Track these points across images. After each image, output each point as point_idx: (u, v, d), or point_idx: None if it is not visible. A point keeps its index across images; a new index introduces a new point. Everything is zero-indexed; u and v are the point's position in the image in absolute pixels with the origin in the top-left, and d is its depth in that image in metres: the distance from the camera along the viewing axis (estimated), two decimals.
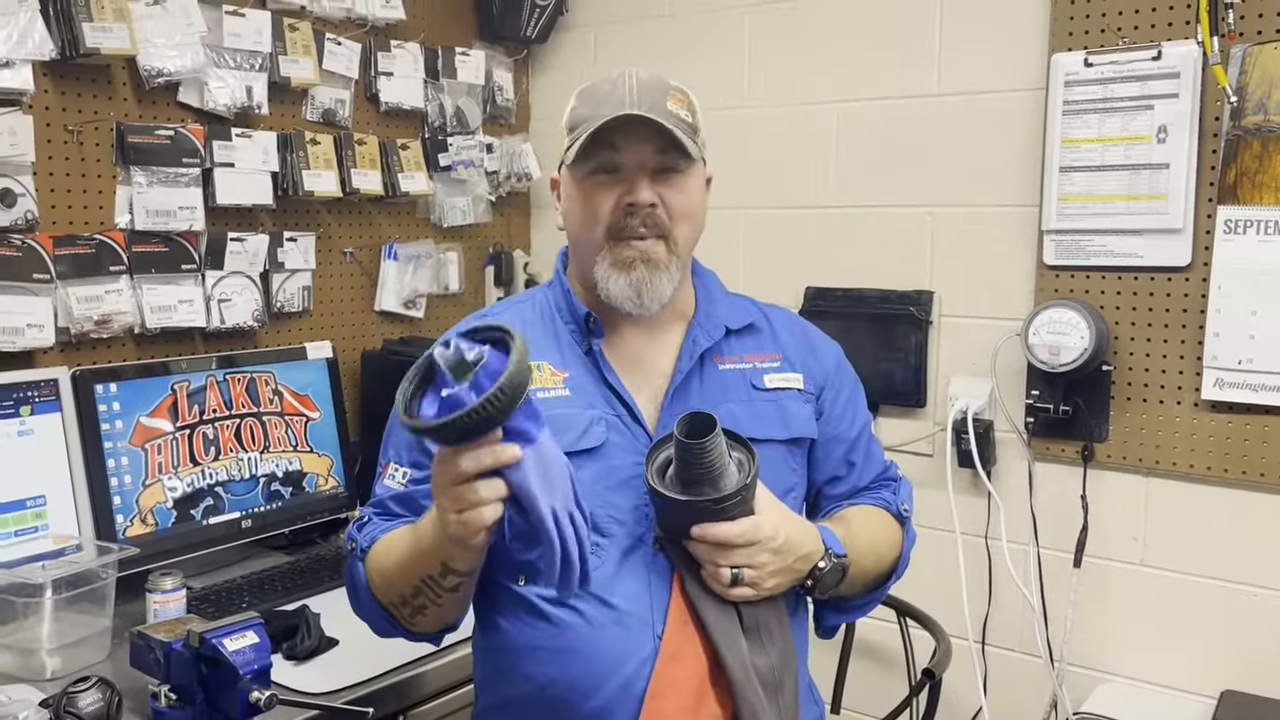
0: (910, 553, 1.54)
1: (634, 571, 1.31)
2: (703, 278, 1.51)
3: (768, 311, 1.54)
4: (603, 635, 1.29)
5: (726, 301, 1.50)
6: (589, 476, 1.32)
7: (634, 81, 1.35)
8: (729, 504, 1.24)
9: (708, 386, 1.41)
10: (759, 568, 1.27)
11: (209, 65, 2.16)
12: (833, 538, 1.36)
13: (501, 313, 1.47)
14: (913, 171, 2.34)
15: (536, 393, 1.33)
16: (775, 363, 1.47)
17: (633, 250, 1.34)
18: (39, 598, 1.64)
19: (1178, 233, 2.02)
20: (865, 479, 1.53)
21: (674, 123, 1.32)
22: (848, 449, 1.51)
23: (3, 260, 1.88)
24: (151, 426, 1.98)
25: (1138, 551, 2.14)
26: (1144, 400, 2.09)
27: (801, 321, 1.57)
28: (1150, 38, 2.02)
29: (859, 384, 1.57)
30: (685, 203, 1.36)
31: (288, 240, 2.35)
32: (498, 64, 2.80)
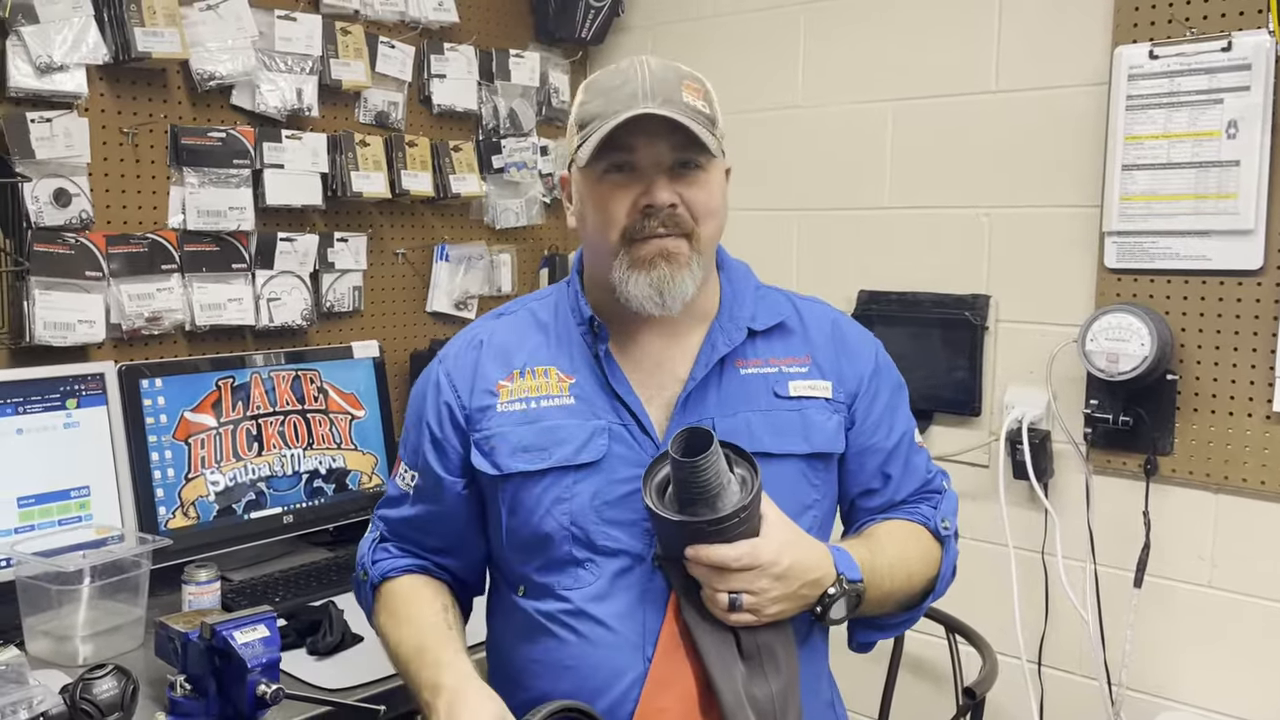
0: (951, 572, 1.43)
1: (628, 590, 1.27)
2: (730, 272, 1.40)
3: (802, 308, 1.42)
4: (594, 653, 1.26)
5: (755, 298, 1.39)
6: (587, 491, 1.28)
7: (646, 72, 1.25)
8: (725, 525, 1.17)
9: (726, 393, 1.33)
10: (759, 593, 1.19)
11: (260, 69, 2.20)
12: (848, 561, 1.27)
13: (517, 310, 1.44)
14: (969, 171, 2.26)
15: (542, 400, 1.32)
16: (803, 367, 1.36)
17: (651, 246, 1.25)
18: (75, 585, 1.68)
19: (1249, 234, 1.90)
20: (903, 492, 1.42)
21: (691, 116, 1.23)
22: (883, 460, 1.41)
23: (57, 258, 1.94)
24: (195, 421, 2.03)
25: (1205, 572, 2.01)
26: (1212, 411, 1.98)
27: (838, 319, 1.45)
28: (1220, 28, 1.91)
29: (901, 388, 1.45)
30: (707, 200, 1.28)
31: (338, 240, 2.39)
32: (553, 66, 2.80)
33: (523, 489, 1.31)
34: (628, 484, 1.28)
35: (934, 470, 1.47)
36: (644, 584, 1.27)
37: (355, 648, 1.74)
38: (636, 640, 1.25)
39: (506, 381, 1.35)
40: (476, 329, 1.44)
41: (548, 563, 1.31)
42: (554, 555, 1.30)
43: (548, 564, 1.31)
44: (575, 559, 1.29)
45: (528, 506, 1.31)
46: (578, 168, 1.31)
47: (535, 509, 1.30)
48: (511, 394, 1.34)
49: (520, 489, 1.31)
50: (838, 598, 1.24)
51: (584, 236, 1.36)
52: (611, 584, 1.27)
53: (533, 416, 1.32)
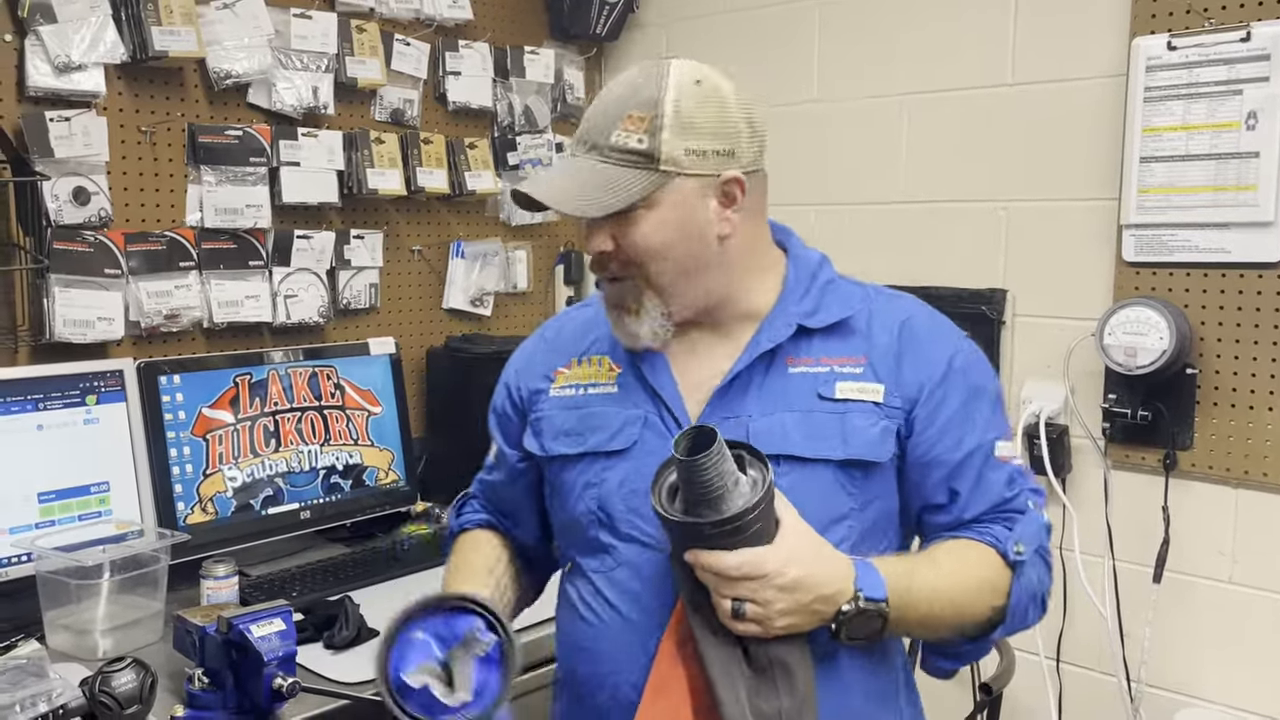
0: (1031, 601, 1.28)
1: (645, 579, 1.27)
2: (798, 266, 1.34)
3: (876, 304, 1.32)
4: (605, 637, 1.28)
5: (820, 293, 1.32)
6: (615, 478, 1.29)
7: (597, 109, 1.25)
8: (727, 529, 1.11)
9: (767, 390, 1.28)
10: (764, 604, 1.14)
11: (276, 67, 2.21)
12: (873, 579, 1.18)
13: (592, 302, 1.45)
14: (986, 165, 2.24)
15: (589, 388, 1.36)
16: (857, 368, 1.28)
17: (607, 292, 1.29)
18: (95, 580, 1.70)
19: (1269, 226, 1.88)
20: (972, 510, 1.28)
21: (611, 160, 1.21)
22: (948, 474, 1.27)
23: (75, 256, 1.96)
24: (213, 418, 2.04)
25: (1225, 568, 2.00)
26: (1232, 406, 1.96)
27: (913, 318, 1.32)
28: (1239, 18, 1.89)
29: (981, 396, 1.30)
30: (641, 242, 1.23)
31: (354, 238, 2.40)
32: (568, 62, 2.80)
33: (563, 471, 1.36)
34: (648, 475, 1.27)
35: (1019, 488, 1.30)
36: (662, 574, 1.26)
37: (371, 642, 1.74)
38: (647, 628, 1.25)
39: (565, 369, 1.40)
40: (553, 320, 1.51)
41: (580, 544, 1.35)
42: (584, 537, 1.33)
43: (580, 545, 1.35)
44: (601, 543, 1.31)
45: (565, 489, 1.35)
46: None
47: (570, 491, 1.34)
48: (566, 380, 1.39)
49: (561, 471, 1.36)
50: (852, 616, 1.17)
51: None
52: (630, 571, 1.28)
53: (578, 403, 1.36)
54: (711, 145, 1.25)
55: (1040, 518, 1.31)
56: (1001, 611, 1.26)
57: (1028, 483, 1.32)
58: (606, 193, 1.21)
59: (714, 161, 1.25)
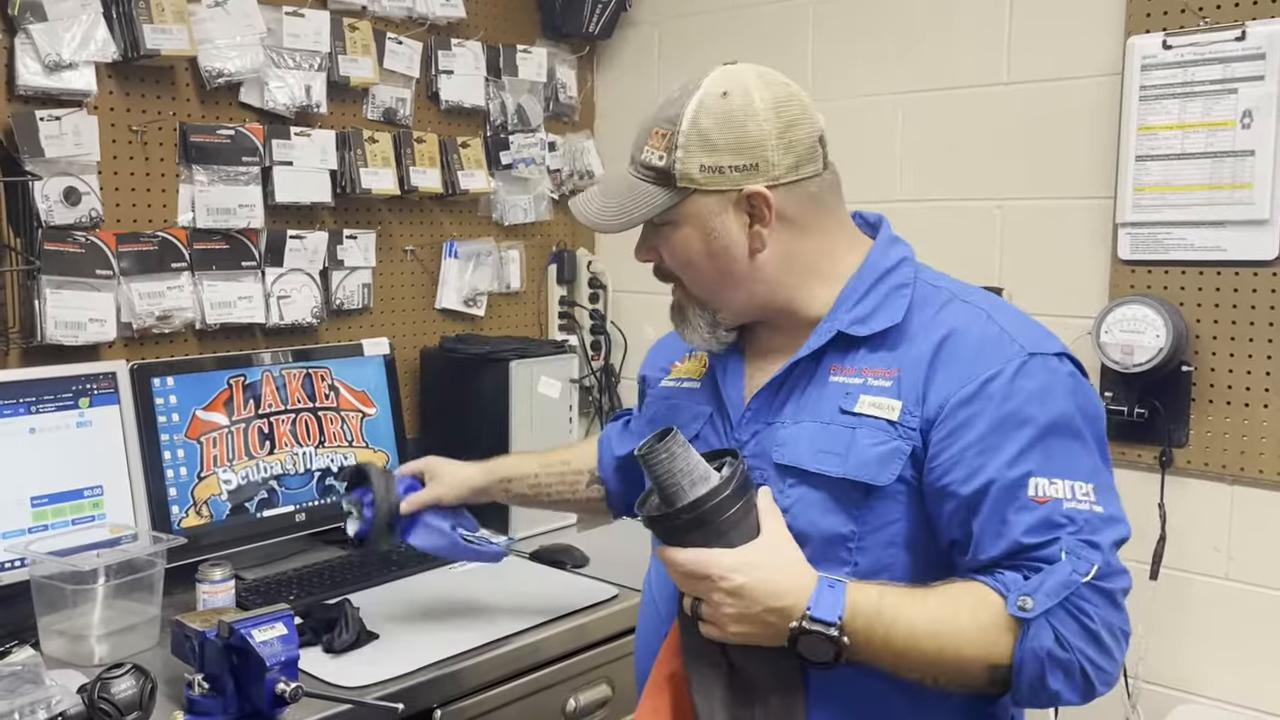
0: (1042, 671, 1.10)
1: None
2: (867, 268, 1.29)
3: (939, 314, 1.24)
4: (645, 611, 1.42)
5: (881, 298, 1.26)
6: None
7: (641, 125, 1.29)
8: (683, 523, 1.13)
9: (806, 398, 1.26)
10: (713, 606, 1.14)
11: (269, 65, 2.19)
12: (831, 601, 1.10)
13: None
14: (981, 164, 2.25)
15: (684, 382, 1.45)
16: (887, 382, 1.20)
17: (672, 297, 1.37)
18: (90, 585, 1.67)
19: (1264, 224, 1.89)
20: (988, 552, 1.13)
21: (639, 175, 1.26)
22: (962, 508, 1.15)
23: (66, 256, 1.93)
24: (207, 420, 2.02)
25: (1221, 564, 2.01)
26: (1227, 403, 1.97)
27: (967, 330, 1.21)
28: (1234, 17, 1.90)
29: (1022, 426, 1.14)
30: (674, 254, 1.29)
31: (347, 238, 2.38)
32: (560, 61, 2.79)
33: None
34: None
35: (1054, 535, 1.11)
36: None
37: (372, 645, 1.73)
38: (665, 612, 1.33)
39: (680, 362, 1.48)
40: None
41: None
42: None
43: None
44: None
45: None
46: None
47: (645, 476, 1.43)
48: (676, 373, 1.47)
49: None
50: (798, 634, 1.10)
51: None
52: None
53: (672, 394, 1.45)
54: (730, 161, 1.23)
55: (1073, 572, 1.10)
56: (1001, 670, 1.11)
57: (1087, 533, 1.12)
58: (627, 208, 1.27)
59: (733, 178, 1.23)
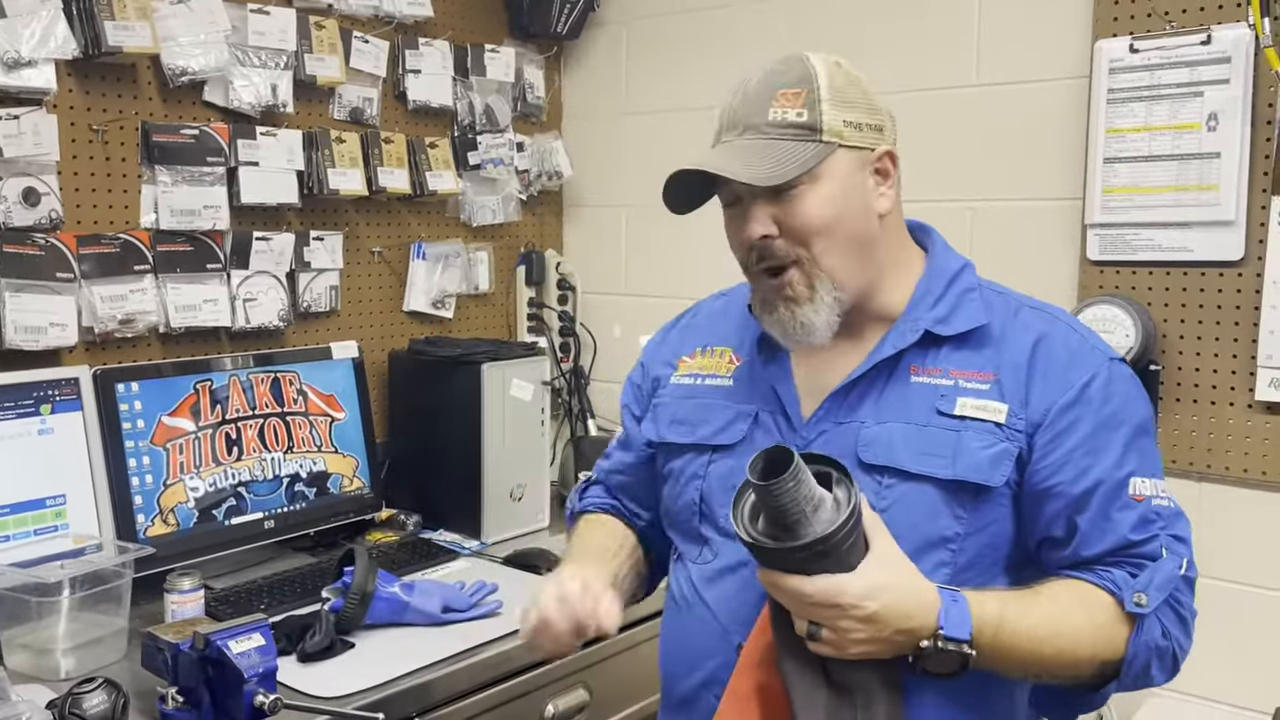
0: (1153, 658, 1.17)
1: (737, 576, 1.27)
2: (935, 268, 1.30)
3: (1018, 318, 1.26)
4: (691, 630, 1.30)
5: (956, 300, 1.26)
6: (720, 472, 1.31)
7: (738, 98, 1.23)
8: (802, 555, 1.07)
9: (887, 398, 1.23)
10: (839, 632, 1.10)
11: (233, 64, 2.15)
12: (960, 616, 1.11)
13: (733, 291, 1.45)
14: (951, 165, 2.26)
15: (706, 379, 1.37)
16: (984, 384, 1.20)
17: (766, 289, 1.24)
18: (55, 597, 1.63)
19: (1229, 225, 1.93)
20: (1093, 549, 1.19)
21: (774, 135, 1.19)
22: (1068, 506, 1.19)
23: (26, 259, 1.88)
24: (173, 426, 1.98)
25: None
26: (1194, 401, 2.00)
27: (1055, 335, 1.24)
28: (1199, 21, 1.93)
29: (1118, 427, 1.20)
30: (810, 219, 1.20)
31: (314, 239, 2.34)
32: (528, 61, 2.77)
33: (671, 459, 1.38)
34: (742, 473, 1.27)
35: (1153, 532, 1.19)
36: (751, 575, 1.22)
37: (347, 654, 1.70)
38: (730, 627, 1.25)
39: (689, 358, 1.41)
40: (694, 307, 1.51)
41: (684, 532, 1.37)
42: (687, 528, 1.35)
43: (684, 533, 1.37)
44: (701, 535, 1.33)
45: (672, 476, 1.37)
46: None
47: (677, 481, 1.36)
48: (687, 369, 1.41)
49: (669, 459, 1.38)
50: (930, 655, 1.11)
51: None
52: (724, 567, 1.29)
53: (694, 392, 1.38)
54: (866, 119, 1.26)
55: (1170, 567, 1.18)
56: (1115, 665, 1.17)
57: (1172, 528, 1.20)
58: (776, 164, 1.19)
59: (870, 135, 1.26)
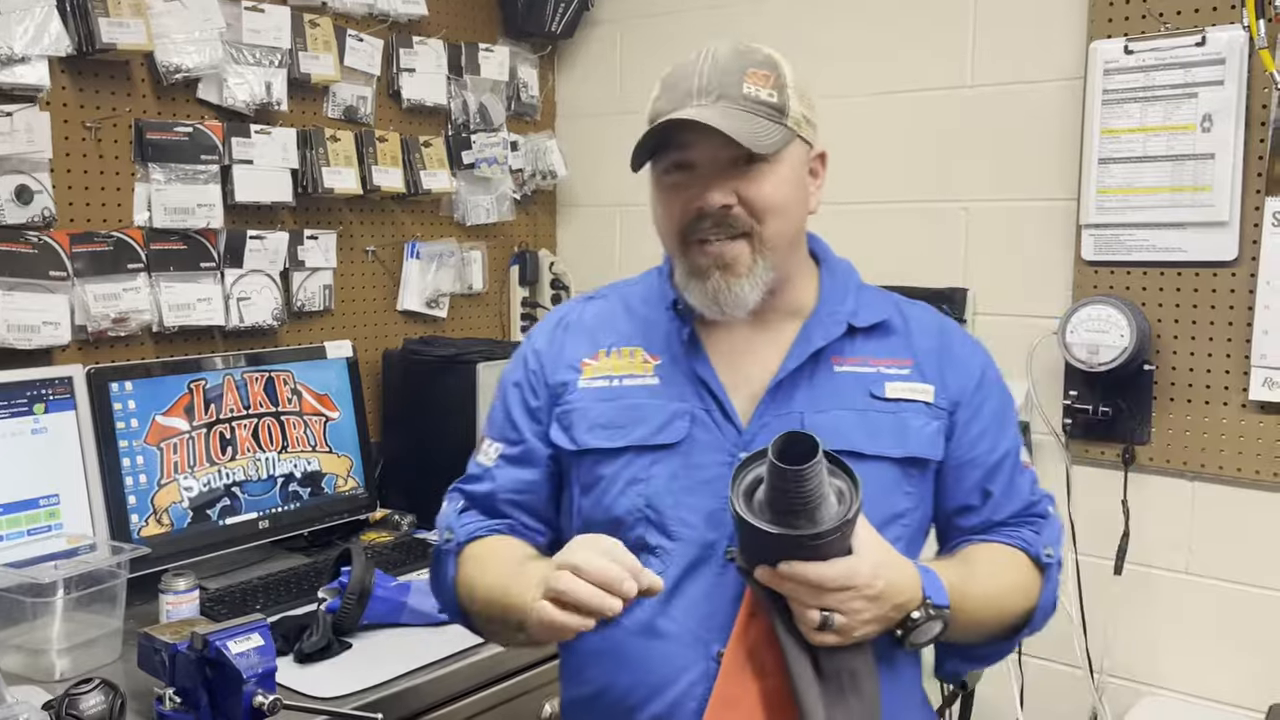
0: (1052, 603, 1.32)
1: (698, 582, 1.23)
2: (832, 268, 1.35)
3: (907, 310, 1.35)
4: (655, 646, 1.23)
5: (858, 296, 1.33)
6: (664, 473, 1.25)
7: (707, 65, 1.21)
8: (824, 541, 1.08)
9: (818, 388, 1.27)
10: (850, 614, 1.11)
11: (228, 61, 2.14)
12: (936, 585, 1.18)
13: (609, 294, 1.42)
14: (946, 165, 2.27)
15: (625, 379, 1.31)
16: (904, 370, 1.29)
17: (706, 257, 1.23)
18: (49, 597, 1.62)
19: (1224, 226, 1.94)
20: (1003, 512, 1.32)
21: (749, 109, 1.19)
22: (983, 476, 1.31)
23: (19, 257, 1.87)
24: (167, 425, 1.96)
25: (1182, 559, 2.05)
26: (1188, 401, 2.01)
27: (946, 324, 1.37)
28: (1194, 23, 1.94)
29: (1008, 403, 1.36)
30: (769, 196, 1.22)
31: (308, 238, 2.33)
32: (522, 60, 2.76)
33: (598, 466, 1.29)
34: (706, 469, 1.24)
35: (1039, 495, 1.36)
36: (715, 577, 1.22)
37: (344, 655, 1.69)
38: (703, 635, 1.22)
39: (591, 360, 1.34)
40: (565, 310, 1.43)
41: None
42: (626, 539, 1.24)
43: None
44: (647, 544, 1.25)
45: (601, 486, 1.28)
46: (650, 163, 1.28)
47: (609, 489, 1.28)
48: (595, 371, 1.33)
49: (595, 466, 1.29)
50: (921, 623, 1.16)
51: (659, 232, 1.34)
52: (682, 574, 1.23)
53: (614, 394, 1.31)
54: (813, 116, 1.28)
55: (1058, 521, 1.36)
56: (1030, 613, 1.29)
57: (1041, 490, 1.36)
58: (756, 135, 1.19)
59: (813, 133, 1.28)
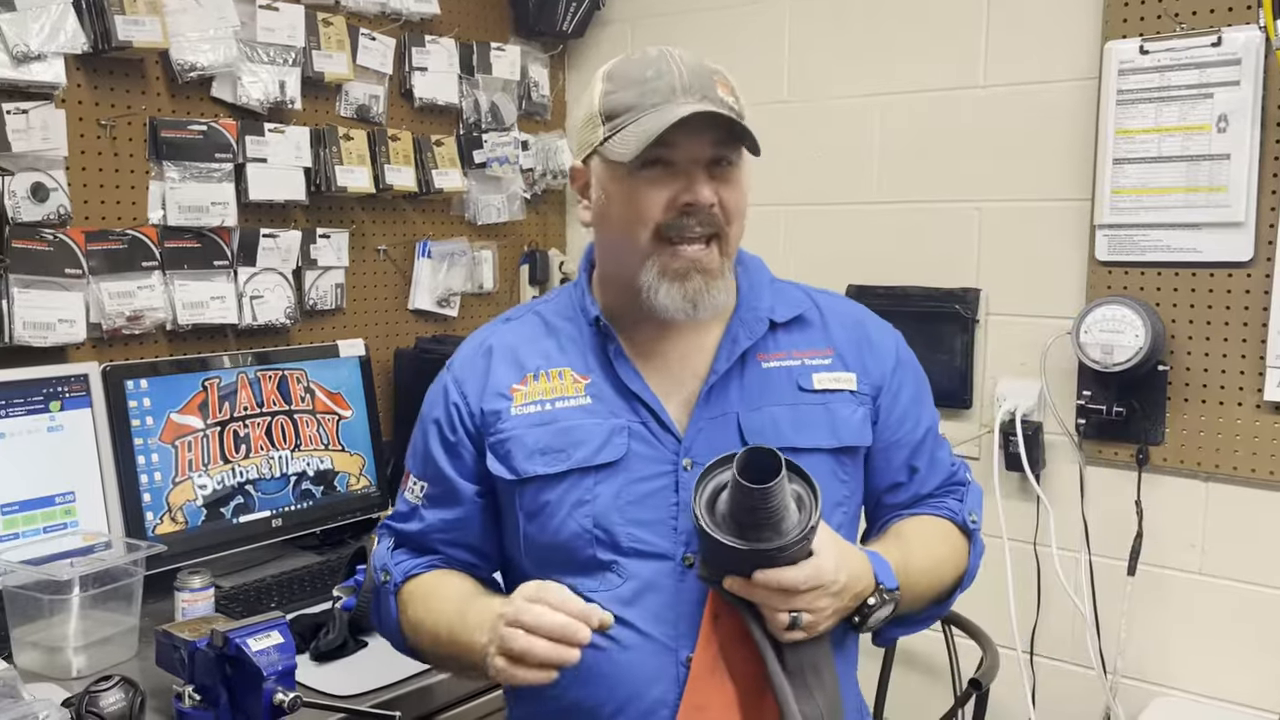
0: (978, 565, 1.42)
1: (658, 592, 1.23)
2: (747, 266, 1.37)
3: (820, 301, 1.39)
4: (621, 659, 1.23)
5: (773, 291, 1.36)
6: (609, 491, 1.25)
7: (681, 67, 1.21)
8: (791, 550, 1.11)
9: (748, 387, 1.29)
10: (817, 613, 1.14)
11: (242, 60, 2.14)
12: (885, 568, 1.23)
13: (524, 315, 1.40)
14: (959, 165, 2.27)
15: (557, 402, 1.29)
16: (826, 360, 1.33)
17: (682, 259, 1.23)
18: (66, 595, 1.62)
19: (1239, 226, 1.94)
20: (929, 485, 1.40)
21: (727, 111, 1.20)
22: (909, 454, 1.37)
23: (34, 255, 1.87)
24: (182, 423, 1.96)
25: (1196, 559, 2.05)
26: (1203, 401, 2.01)
27: (857, 311, 1.42)
28: (1209, 23, 1.94)
29: (923, 380, 1.42)
30: (739, 199, 1.25)
31: (320, 237, 2.33)
32: (533, 59, 2.76)
33: (541, 493, 1.27)
34: (650, 482, 1.25)
35: (957, 463, 1.44)
36: (674, 584, 1.23)
37: (360, 653, 1.70)
38: (669, 644, 1.22)
39: (520, 385, 1.31)
40: (483, 335, 1.39)
41: (573, 566, 1.26)
42: (577, 560, 1.26)
43: (573, 568, 1.26)
44: (601, 562, 1.25)
45: (547, 511, 1.27)
46: (602, 161, 1.25)
47: (555, 513, 1.26)
48: (526, 397, 1.30)
49: (539, 493, 1.27)
50: (878, 608, 1.20)
51: (603, 233, 1.31)
52: (641, 586, 1.23)
53: (549, 418, 1.28)
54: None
55: (978, 487, 1.45)
56: (958, 579, 1.38)
57: (957, 458, 1.46)
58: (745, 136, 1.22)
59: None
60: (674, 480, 1.25)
